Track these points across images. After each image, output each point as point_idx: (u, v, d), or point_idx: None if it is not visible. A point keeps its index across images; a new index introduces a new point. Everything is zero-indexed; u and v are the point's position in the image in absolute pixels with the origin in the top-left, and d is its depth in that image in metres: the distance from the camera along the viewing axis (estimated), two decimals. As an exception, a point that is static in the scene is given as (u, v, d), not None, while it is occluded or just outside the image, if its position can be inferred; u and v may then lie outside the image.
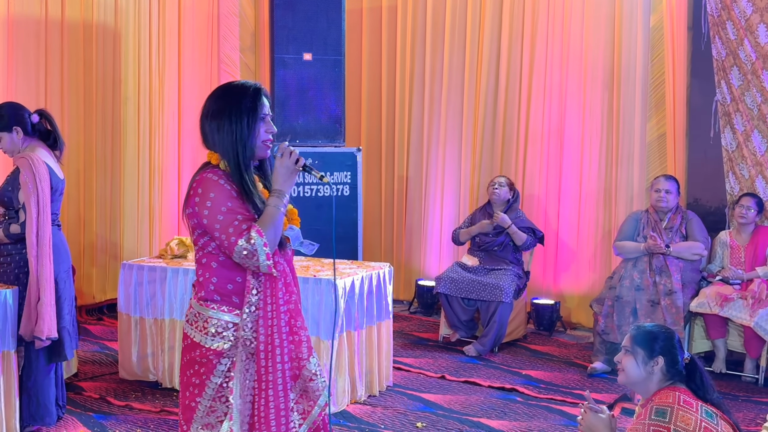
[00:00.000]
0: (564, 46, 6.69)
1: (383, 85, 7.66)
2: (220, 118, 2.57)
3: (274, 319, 2.56)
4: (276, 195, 2.56)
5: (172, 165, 7.18)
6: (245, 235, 2.47)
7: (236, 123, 2.56)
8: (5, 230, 4.03)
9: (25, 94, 5.91)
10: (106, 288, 6.72)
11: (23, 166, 3.97)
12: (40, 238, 3.93)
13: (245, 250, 2.47)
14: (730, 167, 5.86)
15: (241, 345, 2.56)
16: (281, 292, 2.58)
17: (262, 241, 2.47)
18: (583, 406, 2.93)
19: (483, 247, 6.11)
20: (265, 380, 2.55)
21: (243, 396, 2.58)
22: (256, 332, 2.56)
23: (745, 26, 5.63)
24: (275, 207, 2.53)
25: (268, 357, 2.55)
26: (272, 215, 2.52)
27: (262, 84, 2.66)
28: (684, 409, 2.74)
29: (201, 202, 2.53)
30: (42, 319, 3.90)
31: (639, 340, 2.91)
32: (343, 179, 6.44)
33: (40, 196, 3.94)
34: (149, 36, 6.91)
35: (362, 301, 4.73)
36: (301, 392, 2.65)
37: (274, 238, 2.52)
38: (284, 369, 2.57)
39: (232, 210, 2.51)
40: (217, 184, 2.53)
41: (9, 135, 4.06)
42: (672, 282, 5.33)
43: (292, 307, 2.62)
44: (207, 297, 2.58)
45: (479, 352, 5.78)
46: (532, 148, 6.84)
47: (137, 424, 4.34)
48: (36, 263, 3.92)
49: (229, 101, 2.59)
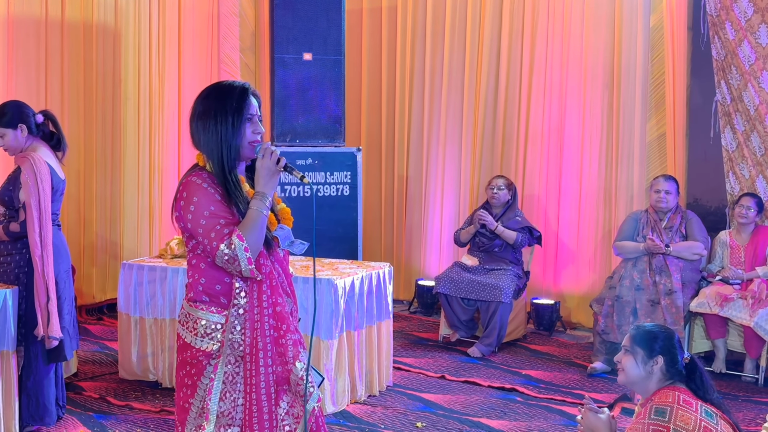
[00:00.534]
0: (564, 46, 6.69)
1: (383, 85, 7.66)
2: (205, 119, 2.55)
3: (257, 322, 2.55)
4: (258, 198, 2.53)
5: (172, 165, 7.18)
6: (226, 240, 2.46)
7: (221, 124, 2.53)
8: (5, 228, 4.03)
9: (25, 94, 5.91)
10: (106, 288, 6.72)
11: (25, 165, 3.97)
12: (43, 238, 3.93)
13: (226, 255, 2.46)
14: (731, 167, 5.86)
15: (230, 348, 2.56)
16: (265, 294, 2.57)
17: (242, 246, 2.46)
18: (582, 406, 2.93)
19: (483, 247, 6.11)
20: (250, 383, 2.55)
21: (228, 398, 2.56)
22: (243, 335, 2.56)
23: (745, 26, 5.63)
24: (257, 210, 2.51)
25: (253, 360, 2.55)
26: (254, 218, 2.50)
27: (251, 84, 2.63)
28: (684, 409, 2.73)
29: (185, 206, 2.53)
30: (53, 318, 3.92)
31: (639, 340, 2.91)
32: (343, 179, 6.45)
33: (41, 195, 3.94)
34: (149, 36, 6.91)
35: (362, 301, 4.73)
36: (294, 397, 2.64)
37: (257, 241, 2.50)
38: (268, 372, 2.56)
39: (214, 214, 2.50)
40: (200, 188, 2.52)
41: (13, 132, 4.06)
42: (672, 282, 5.33)
43: (279, 309, 2.59)
44: (196, 298, 2.59)
45: (483, 353, 5.77)
46: (532, 148, 6.84)
47: (137, 424, 4.34)
48: (41, 263, 3.92)
49: (214, 102, 2.56)
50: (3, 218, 4.08)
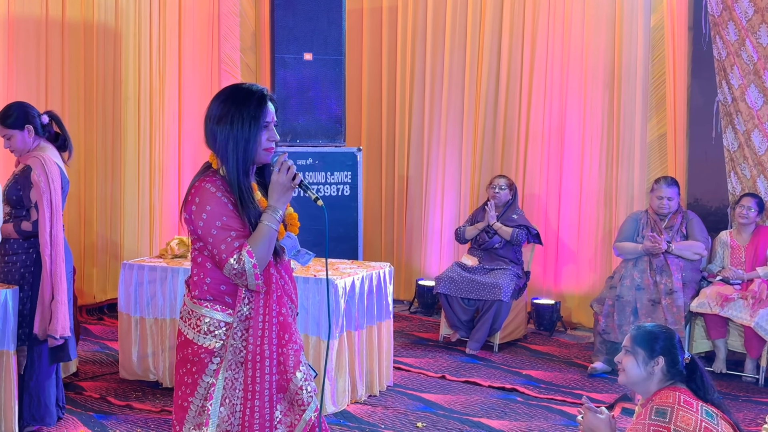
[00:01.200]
0: (564, 46, 6.69)
1: (384, 85, 7.66)
2: (222, 123, 2.54)
3: (265, 330, 2.56)
4: (270, 211, 2.54)
5: (172, 165, 7.18)
6: (236, 254, 2.47)
7: (238, 130, 2.53)
8: (16, 226, 4.02)
9: (25, 94, 5.90)
10: (106, 288, 6.72)
11: (35, 165, 3.98)
12: (53, 237, 3.94)
13: (234, 270, 2.48)
14: (732, 167, 5.86)
15: (231, 353, 2.57)
16: (274, 303, 2.58)
17: (251, 263, 2.47)
18: (581, 407, 2.93)
19: (483, 246, 6.11)
20: (251, 390, 2.55)
21: (227, 404, 2.57)
22: (246, 341, 2.56)
23: (746, 26, 5.63)
24: (268, 225, 2.52)
25: (255, 367, 2.55)
26: (264, 233, 2.51)
27: (268, 89, 2.62)
28: (684, 409, 2.73)
29: (197, 212, 2.53)
30: (56, 318, 3.93)
31: (639, 340, 2.91)
32: (344, 179, 6.45)
33: (53, 195, 3.96)
34: (149, 36, 6.91)
35: (362, 301, 4.73)
36: (288, 405, 2.64)
37: (266, 256, 2.52)
38: (272, 381, 2.57)
39: (226, 226, 2.50)
40: (214, 197, 2.52)
41: (21, 134, 4.06)
42: (673, 281, 5.33)
43: (282, 320, 2.60)
44: (200, 296, 2.59)
45: (472, 349, 5.82)
46: (533, 148, 6.84)
47: (137, 424, 4.34)
48: (50, 262, 3.93)
49: (232, 106, 2.54)
50: (8, 217, 4.09)
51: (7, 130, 4.06)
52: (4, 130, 4.07)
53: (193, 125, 7.16)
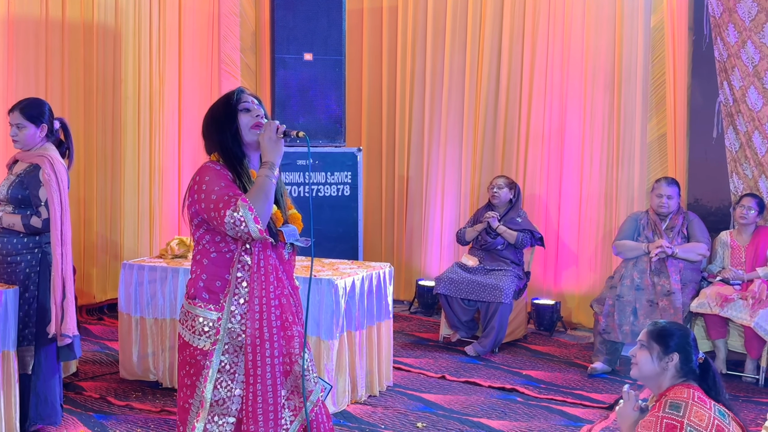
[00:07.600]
0: (565, 47, 6.69)
1: (384, 85, 7.66)
2: (209, 124, 2.72)
3: (264, 313, 2.58)
4: (266, 166, 2.60)
5: (172, 165, 7.18)
6: (233, 205, 2.52)
7: (220, 120, 2.68)
8: (24, 220, 4.00)
9: (25, 95, 5.86)
10: (106, 288, 6.72)
11: (44, 164, 3.98)
12: (63, 235, 3.95)
13: (232, 218, 2.51)
14: (734, 167, 5.86)
15: (228, 336, 2.58)
16: (272, 286, 2.61)
17: (247, 206, 2.51)
18: (628, 393, 2.94)
19: (485, 246, 6.11)
20: (254, 374, 2.57)
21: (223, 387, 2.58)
22: (244, 325, 2.58)
23: (749, 26, 5.63)
24: (265, 176, 2.58)
25: (256, 351, 2.57)
26: (261, 184, 2.57)
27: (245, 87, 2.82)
28: (698, 405, 2.76)
29: (198, 188, 2.60)
30: (68, 316, 3.96)
31: (655, 336, 2.94)
32: (344, 179, 6.45)
33: (62, 194, 3.98)
34: (149, 36, 6.91)
35: (362, 301, 4.73)
36: (292, 388, 2.66)
37: (263, 206, 2.54)
38: (274, 364, 2.58)
39: (224, 188, 2.58)
40: (212, 170, 2.62)
41: (35, 129, 4.06)
42: (670, 282, 5.33)
43: (284, 301, 2.64)
44: (196, 295, 2.63)
45: (479, 352, 5.78)
46: (533, 149, 6.84)
47: (138, 424, 4.34)
48: (61, 261, 3.94)
49: (209, 117, 2.72)
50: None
51: (24, 120, 4.06)
52: (21, 118, 4.06)
53: (193, 125, 7.15)
